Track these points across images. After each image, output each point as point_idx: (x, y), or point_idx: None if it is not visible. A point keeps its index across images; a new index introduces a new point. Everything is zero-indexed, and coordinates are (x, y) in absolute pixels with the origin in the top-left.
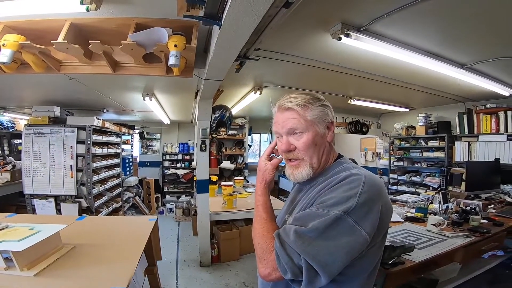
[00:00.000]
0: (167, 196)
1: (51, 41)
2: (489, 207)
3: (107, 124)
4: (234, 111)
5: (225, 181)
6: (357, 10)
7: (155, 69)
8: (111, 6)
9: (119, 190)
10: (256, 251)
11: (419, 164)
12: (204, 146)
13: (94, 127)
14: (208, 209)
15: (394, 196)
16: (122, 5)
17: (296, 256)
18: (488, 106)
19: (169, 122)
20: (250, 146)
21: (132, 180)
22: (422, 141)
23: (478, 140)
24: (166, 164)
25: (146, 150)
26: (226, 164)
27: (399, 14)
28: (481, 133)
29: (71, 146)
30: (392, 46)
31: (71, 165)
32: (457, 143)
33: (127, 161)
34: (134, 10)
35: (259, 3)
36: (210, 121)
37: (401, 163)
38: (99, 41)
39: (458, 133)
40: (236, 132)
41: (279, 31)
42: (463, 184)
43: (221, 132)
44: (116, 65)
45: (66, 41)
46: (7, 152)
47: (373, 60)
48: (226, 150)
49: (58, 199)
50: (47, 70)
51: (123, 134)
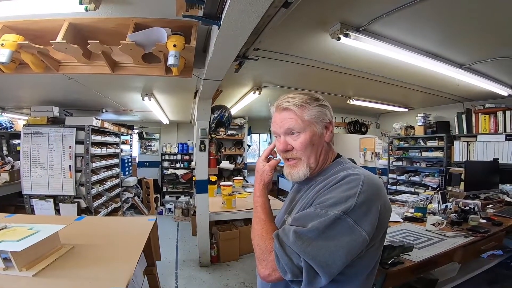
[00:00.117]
0: (166, 196)
1: (50, 41)
2: (488, 207)
3: (106, 124)
4: (233, 111)
5: (224, 181)
6: (356, 10)
7: (154, 69)
8: (110, 6)
9: (118, 190)
10: (256, 252)
11: (418, 164)
12: (203, 146)
13: (93, 127)
14: (208, 209)
15: (393, 196)
16: (121, 5)
17: (296, 257)
18: (487, 106)
19: (168, 122)
20: (249, 146)
21: (131, 180)
22: (421, 141)
23: (477, 140)
24: (165, 164)
25: (145, 150)
26: (225, 164)
27: (398, 14)
28: (480, 133)
29: (70, 146)
30: (391, 46)
31: (70, 165)
32: (456, 143)
33: (126, 161)
34: (133, 10)
35: (258, 3)
36: (209, 121)
37: (400, 163)
38: (98, 41)
39: (457, 133)
40: (235, 132)
41: (278, 31)
42: (462, 184)
43: (220, 132)
44: (115, 65)
45: (65, 41)
46: (6, 152)
47: (372, 60)
48: (225, 150)
49: (57, 200)
50: (46, 70)
51: (122, 134)
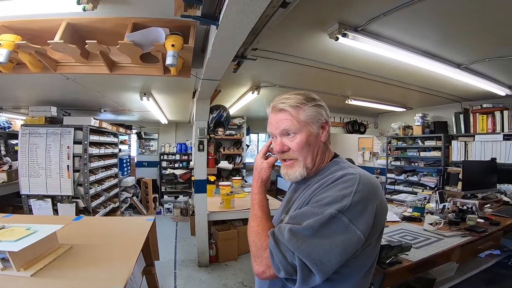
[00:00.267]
0: (165, 196)
1: (48, 41)
2: (486, 207)
3: (104, 124)
4: (232, 111)
5: (223, 181)
6: (354, 10)
7: (153, 69)
8: (108, 6)
9: (117, 191)
10: (251, 249)
11: (416, 164)
12: (202, 146)
13: (91, 127)
14: (206, 209)
15: (391, 196)
16: (119, 5)
17: (290, 254)
18: (485, 106)
19: (167, 122)
20: (248, 146)
21: (130, 180)
22: (419, 141)
23: (475, 140)
24: (164, 164)
25: (144, 150)
26: (224, 164)
27: (396, 14)
28: (478, 133)
29: (68, 146)
30: (389, 46)
31: (68, 165)
32: (454, 143)
33: (125, 161)
34: (131, 10)
35: (256, 3)
36: (208, 121)
37: (398, 163)
38: (96, 41)
39: (455, 133)
40: (234, 132)
41: (277, 31)
42: (460, 184)
43: (219, 132)
44: (113, 65)
45: (63, 41)
46: (4, 153)
47: (370, 60)
48: (224, 150)
49: (55, 200)
50: (44, 70)
51: (121, 134)
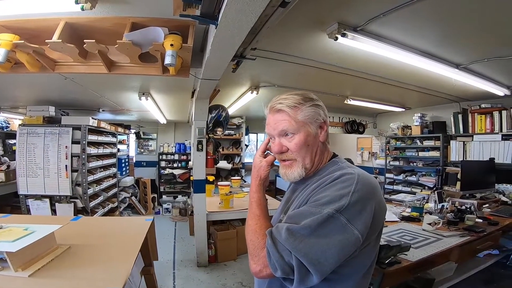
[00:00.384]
0: (164, 196)
1: (46, 41)
2: (484, 207)
3: (103, 124)
4: (231, 111)
5: (222, 181)
6: (354, 10)
7: (151, 69)
8: (107, 5)
9: (115, 190)
10: (249, 247)
11: (415, 164)
12: (201, 146)
13: (90, 127)
14: (205, 209)
15: (390, 196)
16: (118, 4)
17: (287, 254)
18: (483, 106)
19: (166, 122)
20: (247, 146)
21: (128, 180)
22: (418, 141)
23: (473, 140)
24: (163, 164)
25: (142, 150)
26: (223, 164)
27: (395, 14)
28: (476, 133)
29: (66, 146)
30: (388, 46)
31: (66, 165)
32: (452, 143)
33: (123, 161)
34: (130, 9)
35: (256, 3)
36: (207, 121)
37: (397, 163)
38: (94, 41)
39: (453, 133)
40: (233, 132)
41: (276, 31)
42: (458, 184)
43: (218, 132)
44: (112, 65)
45: (61, 41)
46: (2, 152)
47: (370, 60)
48: (223, 150)
49: (53, 200)
50: (42, 70)
51: (119, 134)
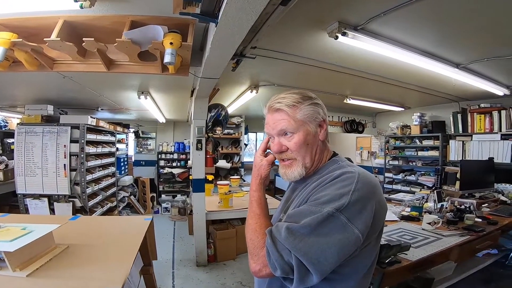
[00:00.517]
0: (163, 196)
1: (44, 39)
2: (483, 206)
3: (102, 123)
4: (230, 110)
5: (221, 180)
6: (354, 9)
7: (150, 67)
8: (106, 4)
9: (114, 190)
10: (248, 247)
11: (414, 163)
12: (200, 145)
13: (88, 126)
14: (204, 209)
15: (389, 195)
16: (117, 3)
17: (287, 253)
18: (482, 106)
19: (165, 121)
20: (246, 145)
21: (127, 180)
22: (417, 140)
23: (472, 139)
24: (162, 163)
25: (141, 149)
26: (222, 163)
27: (396, 13)
28: (475, 132)
29: (65, 145)
30: (389, 45)
31: (65, 164)
32: (452, 142)
33: (122, 160)
34: (129, 8)
35: (257, 0)
36: (206, 120)
37: (396, 162)
38: (93, 39)
39: (453, 132)
40: (232, 131)
41: (276, 30)
42: (458, 183)
43: (217, 131)
44: (111, 63)
45: (59, 39)
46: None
47: (370, 59)
48: (222, 149)
49: (52, 199)
50: (40, 68)
51: (118, 133)
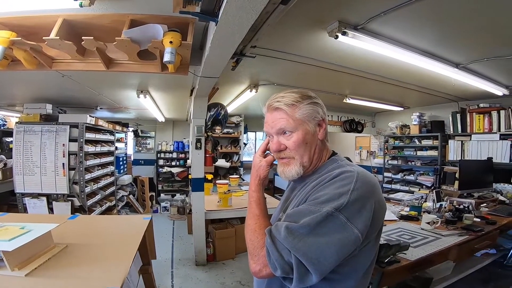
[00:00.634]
0: (162, 195)
1: (43, 38)
2: (482, 206)
3: (101, 122)
4: (230, 109)
5: (221, 180)
6: (354, 9)
7: (150, 66)
8: (105, 2)
9: (113, 189)
10: (248, 247)
11: (413, 163)
12: (199, 144)
13: (87, 125)
14: (203, 208)
15: (388, 195)
16: (117, 1)
17: (286, 253)
18: (481, 106)
19: (164, 120)
20: (246, 145)
21: (126, 179)
22: (416, 140)
23: (471, 139)
24: (161, 162)
25: (140, 148)
26: (221, 163)
27: (396, 13)
28: (474, 132)
29: (63, 144)
30: (388, 45)
31: (63, 163)
32: (451, 142)
33: (121, 159)
34: (129, 6)
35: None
36: (206, 119)
37: (395, 162)
38: (93, 38)
39: (452, 132)
40: (232, 130)
41: (276, 29)
42: (456, 183)
43: (217, 130)
44: (110, 62)
45: (59, 38)
46: None
47: (369, 59)
48: (222, 148)
49: (50, 198)
50: (39, 67)
51: (117, 132)
